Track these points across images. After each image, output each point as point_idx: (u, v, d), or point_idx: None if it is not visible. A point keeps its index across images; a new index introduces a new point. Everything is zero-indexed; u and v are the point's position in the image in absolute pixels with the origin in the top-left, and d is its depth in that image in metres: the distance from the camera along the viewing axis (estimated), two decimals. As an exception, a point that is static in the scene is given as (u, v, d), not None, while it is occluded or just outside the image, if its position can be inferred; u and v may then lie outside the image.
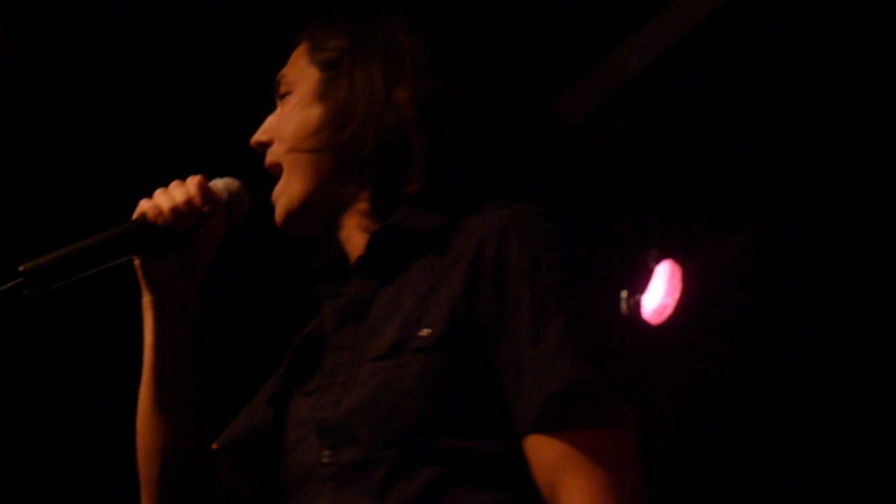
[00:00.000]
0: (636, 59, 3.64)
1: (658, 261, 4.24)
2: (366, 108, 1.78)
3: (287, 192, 1.83)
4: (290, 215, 1.84)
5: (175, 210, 1.76)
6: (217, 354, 3.35)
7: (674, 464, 4.53)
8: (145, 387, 1.83)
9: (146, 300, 1.81)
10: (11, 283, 1.70)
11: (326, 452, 1.68)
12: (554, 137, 3.91)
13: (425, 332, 1.64)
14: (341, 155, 1.79)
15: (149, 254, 1.78)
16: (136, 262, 1.80)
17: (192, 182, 1.79)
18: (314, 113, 1.82)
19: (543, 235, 1.66)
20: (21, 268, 1.70)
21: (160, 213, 1.75)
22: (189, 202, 1.77)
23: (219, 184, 1.83)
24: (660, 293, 4.27)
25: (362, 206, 1.81)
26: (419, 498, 1.60)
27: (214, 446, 1.92)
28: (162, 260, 1.78)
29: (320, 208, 1.82)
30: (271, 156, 1.86)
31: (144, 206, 1.77)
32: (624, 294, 4.26)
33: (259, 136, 1.89)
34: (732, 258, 4.25)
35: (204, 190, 1.79)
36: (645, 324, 4.28)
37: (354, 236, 1.81)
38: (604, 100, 3.76)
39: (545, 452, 1.58)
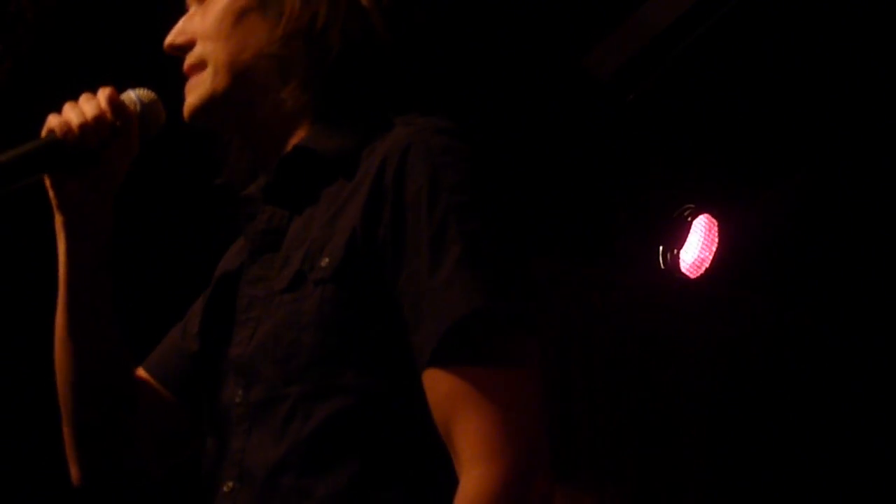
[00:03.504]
0: (664, 14, 3.59)
1: (695, 215, 4.22)
2: (328, 13, 1.67)
3: (212, 83, 1.70)
4: (206, 104, 1.71)
5: (84, 126, 1.65)
6: (139, 275, 3.13)
7: (710, 415, 4.52)
8: (61, 312, 1.75)
9: (58, 221, 1.72)
10: None
11: (239, 391, 1.61)
12: (584, 95, 3.88)
13: (325, 261, 1.55)
14: (294, 61, 1.68)
15: (58, 172, 1.68)
16: (47, 181, 1.70)
17: (102, 95, 1.68)
18: (258, 18, 1.70)
19: (446, 153, 1.54)
20: None
21: (69, 129, 1.65)
22: (99, 117, 1.66)
23: (131, 95, 1.72)
24: (697, 247, 4.26)
25: (307, 119, 1.70)
26: (313, 437, 1.53)
27: (140, 371, 1.84)
28: (73, 179, 1.68)
29: (246, 108, 1.71)
30: (194, 57, 1.73)
31: (53, 121, 1.67)
32: (661, 249, 4.25)
33: (175, 38, 1.76)
34: (769, 211, 4.22)
35: (115, 103, 1.68)
36: (683, 277, 4.27)
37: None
38: (632, 56, 3.72)
39: (440, 388, 1.48)
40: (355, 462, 1.52)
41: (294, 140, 1.69)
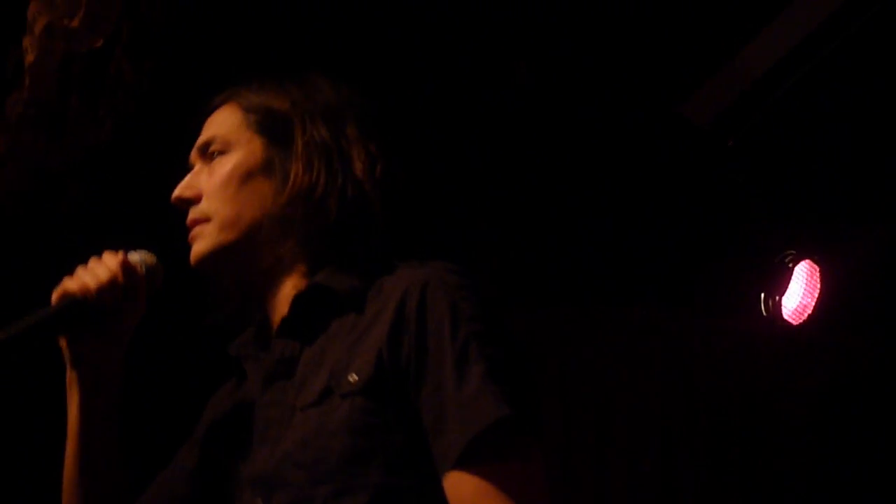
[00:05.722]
0: (762, 59, 3.63)
1: (796, 261, 4.22)
2: (327, 182, 1.88)
3: (217, 237, 1.90)
4: (213, 254, 1.90)
5: (101, 288, 1.84)
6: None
7: (815, 463, 4.48)
8: (69, 460, 1.93)
9: (71, 376, 1.91)
10: None
11: (258, 501, 1.77)
12: (684, 142, 3.92)
13: (353, 378, 1.74)
14: (298, 223, 1.88)
15: (76, 331, 1.87)
16: (63, 341, 1.89)
17: (114, 259, 1.87)
18: (262, 180, 1.90)
19: (461, 289, 1.77)
20: None
21: (87, 291, 1.84)
22: (112, 279, 1.85)
23: (135, 258, 1.91)
24: (799, 293, 4.24)
25: (301, 269, 1.89)
26: None
27: None
28: (88, 336, 1.87)
29: (246, 259, 1.90)
30: (198, 212, 1.92)
31: (69, 284, 1.85)
32: (763, 295, 4.25)
33: (183, 191, 1.95)
34: (870, 256, 4.20)
35: (125, 266, 1.87)
36: (786, 324, 4.26)
37: (285, 296, 1.89)
38: (732, 101, 3.76)
39: (464, 488, 1.67)
40: None
41: (289, 285, 1.89)
